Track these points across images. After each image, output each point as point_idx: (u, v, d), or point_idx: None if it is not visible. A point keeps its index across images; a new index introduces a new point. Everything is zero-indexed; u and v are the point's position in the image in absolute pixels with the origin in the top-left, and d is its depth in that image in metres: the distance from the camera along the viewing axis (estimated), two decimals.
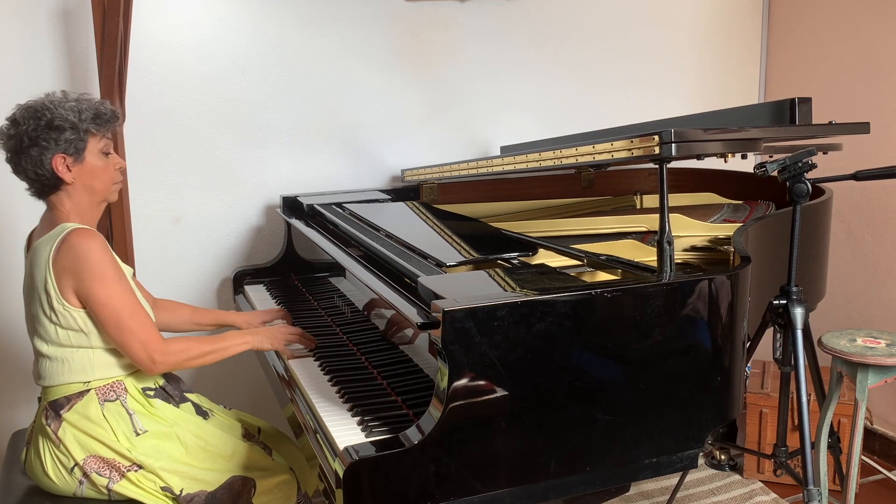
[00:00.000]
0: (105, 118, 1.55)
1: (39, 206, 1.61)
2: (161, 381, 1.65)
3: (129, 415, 1.54)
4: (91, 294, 1.45)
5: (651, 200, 2.60)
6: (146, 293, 1.81)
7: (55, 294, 1.47)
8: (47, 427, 1.52)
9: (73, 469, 1.51)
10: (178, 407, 1.63)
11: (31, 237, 1.64)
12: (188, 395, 1.69)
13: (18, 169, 1.52)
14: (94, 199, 1.57)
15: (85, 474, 1.50)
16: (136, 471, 1.51)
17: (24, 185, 1.56)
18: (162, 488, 1.52)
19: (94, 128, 1.53)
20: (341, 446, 1.20)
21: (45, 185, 1.53)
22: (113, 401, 1.54)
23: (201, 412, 1.67)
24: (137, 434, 1.53)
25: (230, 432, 1.68)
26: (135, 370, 1.59)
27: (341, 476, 1.13)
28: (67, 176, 1.51)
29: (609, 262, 1.53)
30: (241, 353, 1.66)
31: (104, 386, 1.54)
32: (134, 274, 1.71)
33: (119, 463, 1.51)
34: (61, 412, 1.52)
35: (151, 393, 1.60)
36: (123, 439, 1.52)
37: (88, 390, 1.53)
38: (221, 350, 1.59)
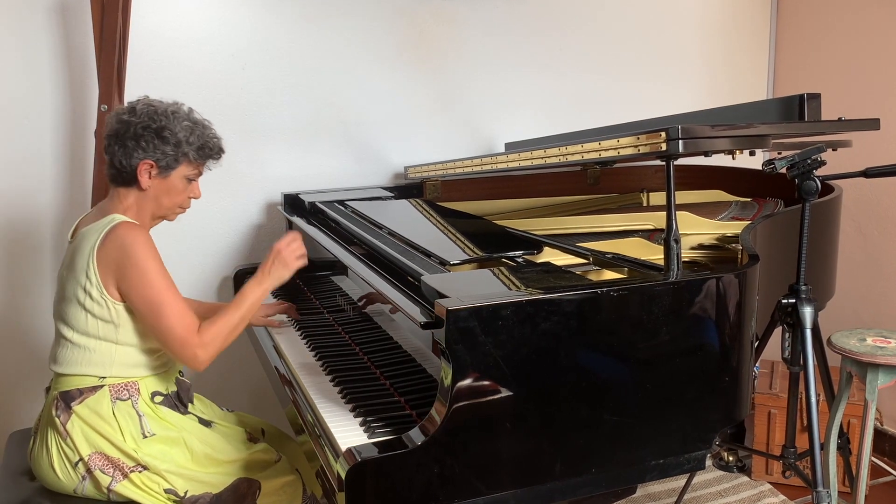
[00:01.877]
0: (207, 152, 1.60)
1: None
2: (173, 388, 1.64)
3: (139, 416, 1.54)
4: (134, 288, 1.46)
5: (658, 198, 2.58)
6: None
7: (96, 282, 1.48)
8: (56, 419, 1.51)
9: (77, 464, 1.50)
10: (183, 416, 1.62)
11: (78, 224, 1.64)
12: (190, 408, 1.67)
13: (110, 150, 1.55)
14: (156, 211, 1.60)
15: (88, 470, 1.50)
16: (140, 472, 1.50)
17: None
18: (166, 490, 1.51)
19: (193, 155, 1.57)
20: (343, 447, 1.20)
21: (121, 176, 1.56)
22: (125, 400, 1.53)
23: (204, 422, 1.66)
24: (145, 436, 1.52)
25: (234, 439, 1.67)
26: (151, 373, 1.58)
27: (344, 477, 1.12)
28: (145, 182, 1.55)
29: (615, 261, 1.52)
30: (242, 352, 1.65)
31: (118, 384, 1.54)
32: None
33: (123, 463, 1.50)
34: (72, 404, 1.51)
35: (160, 399, 1.59)
36: (130, 440, 1.51)
37: (102, 386, 1.53)
38: (248, 310, 1.58)
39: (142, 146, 1.52)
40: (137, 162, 1.53)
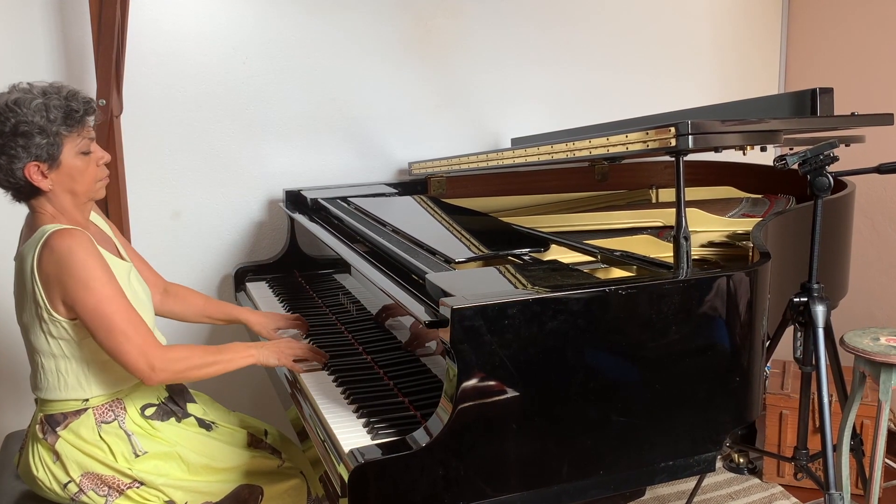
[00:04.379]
0: (76, 117, 1.40)
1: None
2: (164, 395, 1.59)
3: (128, 436, 1.48)
4: (77, 300, 1.35)
5: (667, 194, 2.57)
6: (157, 277, 1.75)
7: (43, 304, 1.39)
8: (44, 440, 1.46)
9: (66, 485, 1.46)
10: (179, 423, 1.57)
11: (21, 235, 1.57)
12: (191, 408, 1.63)
13: None
14: (77, 201, 1.45)
15: (80, 491, 1.45)
16: (137, 487, 1.47)
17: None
18: (165, 502, 1.49)
19: (65, 130, 1.38)
20: (346, 449, 1.19)
21: (21, 192, 1.43)
22: (110, 422, 1.47)
23: (204, 425, 1.62)
24: (137, 455, 1.48)
25: (235, 443, 1.64)
26: (134, 384, 1.53)
27: (346, 480, 1.11)
28: (44, 183, 1.39)
29: (623, 259, 1.51)
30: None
31: (102, 405, 1.48)
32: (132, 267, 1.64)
33: (118, 480, 1.46)
34: (57, 429, 1.46)
35: (152, 411, 1.53)
36: (122, 460, 1.47)
37: (86, 409, 1.47)
38: (225, 362, 1.49)
39: (12, 155, 1.35)
40: (21, 171, 1.37)
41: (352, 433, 1.28)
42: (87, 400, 1.47)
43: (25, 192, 1.43)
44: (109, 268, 1.41)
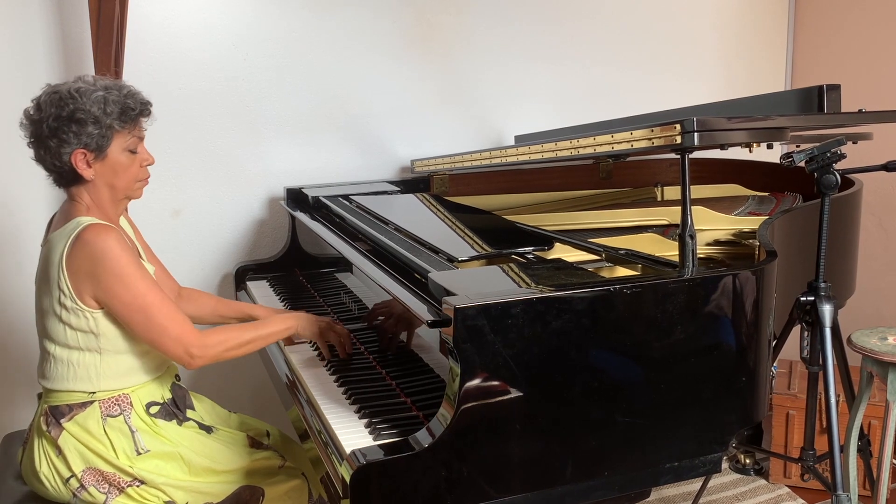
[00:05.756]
0: (132, 115, 1.47)
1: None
2: (168, 396, 1.59)
3: (132, 432, 1.49)
4: (114, 296, 1.39)
5: (672, 192, 2.57)
6: (172, 281, 1.79)
7: (69, 293, 1.41)
8: (47, 433, 1.47)
9: (68, 480, 1.46)
10: (181, 425, 1.57)
11: (50, 224, 1.59)
12: (190, 414, 1.62)
13: (38, 156, 1.47)
14: (115, 195, 1.51)
15: (81, 486, 1.46)
16: (137, 486, 1.47)
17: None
18: (165, 503, 1.48)
19: (118, 125, 1.45)
20: (348, 450, 1.18)
21: (63, 177, 1.48)
22: (116, 416, 1.48)
23: (204, 428, 1.61)
24: (139, 453, 1.48)
25: (235, 445, 1.63)
26: (141, 384, 1.53)
27: (348, 481, 1.11)
28: (87, 172, 1.45)
29: (628, 257, 1.50)
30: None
31: (109, 399, 1.49)
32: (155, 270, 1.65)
33: (119, 478, 1.46)
34: (61, 421, 1.47)
35: (156, 409, 1.54)
36: (123, 457, 1.47)
37: (92, 402, 1.48)
38: (264, 338, 1.55)
39: (63, 139, 1.41)
40: (68, 156, 1.42)
41: (353, 434, 1.28)
42: (93, 393, 1.48)
43: (67, 179, 1.48)
44: (141, 262, 1.46)
